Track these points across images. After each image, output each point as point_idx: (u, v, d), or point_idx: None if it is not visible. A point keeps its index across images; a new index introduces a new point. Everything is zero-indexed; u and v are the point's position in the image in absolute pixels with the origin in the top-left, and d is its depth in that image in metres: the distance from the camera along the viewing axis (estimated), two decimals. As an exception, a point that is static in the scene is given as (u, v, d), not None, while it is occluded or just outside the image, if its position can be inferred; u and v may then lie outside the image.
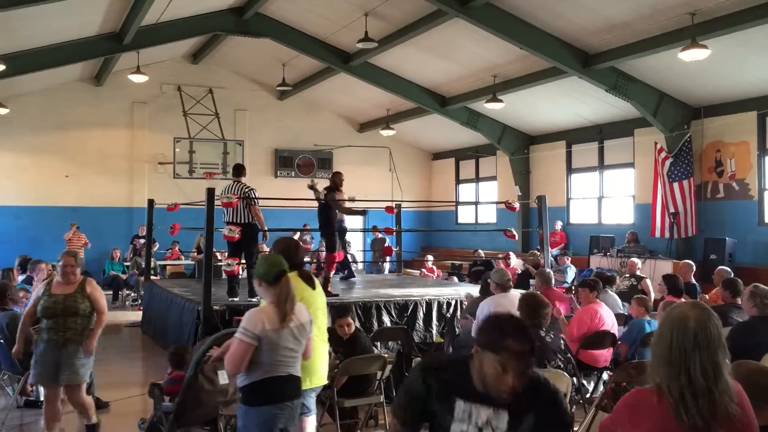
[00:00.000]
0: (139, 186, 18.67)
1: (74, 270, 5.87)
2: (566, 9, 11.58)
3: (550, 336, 5.07)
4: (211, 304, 8.69)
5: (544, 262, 11.44)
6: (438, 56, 14.97)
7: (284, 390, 3.94)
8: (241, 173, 9.65)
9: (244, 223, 9.20)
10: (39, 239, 16.66)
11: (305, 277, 4.63)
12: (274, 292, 3.95)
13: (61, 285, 5.81)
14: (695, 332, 2.35)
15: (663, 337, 2.38)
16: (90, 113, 18.37)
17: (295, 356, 4.00)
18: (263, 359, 3.84)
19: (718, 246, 12.71)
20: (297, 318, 3.99)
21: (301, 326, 4.01)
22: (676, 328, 2.36)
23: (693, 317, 2.38)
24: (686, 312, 2.41)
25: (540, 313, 5.07)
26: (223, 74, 19.66)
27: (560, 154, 17.41)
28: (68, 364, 5.65)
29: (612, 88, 13.20)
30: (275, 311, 3.91)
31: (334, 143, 20.87)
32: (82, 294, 5.78)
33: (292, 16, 15.18)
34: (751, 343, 5.29)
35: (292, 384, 4.01)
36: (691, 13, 10.41)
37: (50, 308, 5.68)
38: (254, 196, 9.28)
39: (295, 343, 3.97)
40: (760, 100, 12.64)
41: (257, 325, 3.84)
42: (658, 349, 2.39)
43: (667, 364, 2.34)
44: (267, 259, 4.21)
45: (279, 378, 3.91)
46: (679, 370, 2.31)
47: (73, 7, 11.47)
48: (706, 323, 2.38)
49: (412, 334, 9.24)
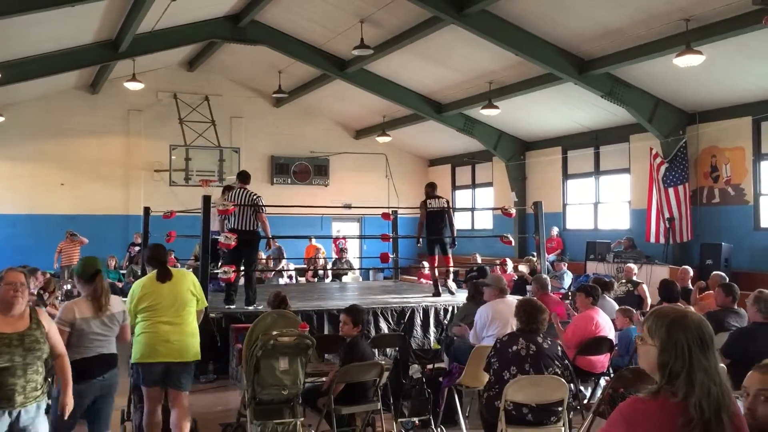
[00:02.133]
0: (135, 194, 18.65)
1: (23, 293, 4.10)
2: (561, 15, 11.62)
3: (547, 342, 5.05)
4: (207, 312, 8.65)
5: (540, 267, 11.43)
6: (434, 63, 15.00)
7: (92, 368, 4.78)
8: (247, 180, 9.66)
9: (249, 230, 9.19)
10: (35, 248, 16.61)
11: (160, 274, 5.50)
12: (89, 288, 4.88)
13: (7, 319, 4.03)
14: (700, 327, 2.37)
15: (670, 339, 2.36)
16: (86, 121, 18.36)
17: (104, 340, 4.88)
18: (74, 342, 4.72)
19: (714, 251, 12.72)
20: (110, 309, 4.91)
21: (111, 316, 4.92)
22: (682, 328, 2.36)
23: (691, 316, 2.41)
24: (684, 312, 2.43)
25: (537, 319, 5.06)
26: (219, 81, 19.66)
27: (556, 160, 17.44)
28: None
29: (607, 94, 13.24)
30: (88, 304, 4.84)
31: (330, 150, 20.87)
32: (40, 330, 4.13)
33: (287, 24, 15.20)
34: (751, 350, 5.29)
35: (102, 362, 4.85)
36: (685, 19, 10.45)
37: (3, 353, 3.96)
38: (262, 203, 9.31)
39: (105, 329, 4.88)
40: (754, 105, 12.68)
41: (68, 314, 4.77)
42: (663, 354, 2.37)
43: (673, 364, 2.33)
44: (84, 260, 5.14)
45: (88, 359, 4.76)
46: (690, 368, 2.31)
47: (69, 15, 11.46)
48: (705, 321, 2.42)
49: (410, 340, 9.23)
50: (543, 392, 4.82)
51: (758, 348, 5.32)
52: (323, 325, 9.07)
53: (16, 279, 4.09)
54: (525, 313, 5.12)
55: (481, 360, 6.00)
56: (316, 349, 6.08)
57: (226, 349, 8.48)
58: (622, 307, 7.48)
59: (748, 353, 5.22)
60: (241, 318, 8.58)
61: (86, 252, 16.30)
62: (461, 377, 6.23)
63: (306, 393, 5.88)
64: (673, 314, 2.44)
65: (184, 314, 5.49)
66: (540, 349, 4.93)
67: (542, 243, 11.59)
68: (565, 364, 5.09)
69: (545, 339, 5.06)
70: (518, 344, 4.95)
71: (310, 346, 5.75)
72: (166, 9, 12.67)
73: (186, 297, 5.51)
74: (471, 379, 6.18)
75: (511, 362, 4.87)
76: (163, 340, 5.35)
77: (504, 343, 5.02)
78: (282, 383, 5.62)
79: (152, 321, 5.38)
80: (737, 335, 5.76)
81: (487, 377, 5.19)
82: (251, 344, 5.63)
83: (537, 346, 4.94)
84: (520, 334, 5.05)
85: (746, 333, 5.73)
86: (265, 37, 15.56)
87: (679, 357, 2.33)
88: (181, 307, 5.47)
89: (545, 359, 4.92)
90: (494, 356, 5.01)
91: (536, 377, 4.82)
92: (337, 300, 10.72)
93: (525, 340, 4.97)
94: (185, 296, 5.51)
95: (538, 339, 5.00)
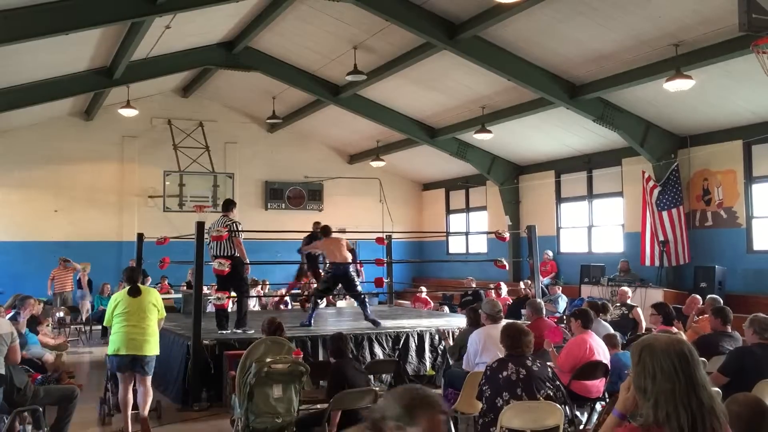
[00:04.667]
0: (129, 220, 18.62)
1: None
2: (552, 41, 11.74)
3: (537, 365, 5.00)
4: (201, 339, 8.62)
5: (534, 292, 11.43)
6: (427, 88, 15.11)
7: None
8: (229, 208, 9.77)
9: (231, 255, 9.26)
10: (28, 275, 16.51)
11: (131, 290, 7.06)
12: None
13: None
14: (690, 353, 2.38)
15: (663, 369, 2.36)
16: (80, 148, 18.38)
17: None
18: None
19: (707, 274, 12.75)
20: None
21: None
22: (675, 355, 2.37)
23: (678, 342, 2.42)
24: (671, 339, 2.44)
25: (521, 342, 5.00)
26: (213, 107, 19.74)
27: (549, 184, 17.51)
28: None
29: (599, 118, 13.34)
30: None
31: (324, 175, 20.92)
32: None
33: (281, 50, 15.31)
34: (748, 367, 5.37)
35: None
36: (674, 44, 10.57)
37: None
38: (236, 228, 9.37)
39: None
40: (745, 128, 12.78)
41: None
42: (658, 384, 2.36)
43: (671, 395, 2.33)
44: None
45: None
46: (688, 396, 2.31)
47: (64, 42, 11.52)
48: (688, 345, 2.44)
49: (405, 365, 9.18)
50: (538, 418, 4.78)
51: (755, 366, 5.37)
52: (317, 351, 9.02)
53: None
54: (509, 338, 5.07)
55: (475, 386, 5.97)
56: (310, 376, 6.05)
57: (219, 376, 8.42)
58: (607, 334, 7.46)
59: (746, 371, 5.28)
60: (235, 344, 8.52)
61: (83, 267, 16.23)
62: (456, 403, 6.20)
63: (300, 421, 5.84)
64: (646, 340, 2.47)
65: (146, 321, 7.02)
66: (530, 373, 4.88)
67: (536, 266, 11.60)
68: (557, 385, 5.03)
69: (534, 362, 5.00)
70: (508, 369, 4.89)
71: (304, 373, 5.73)
72: (160, 36, 12.77)
73: (148, 308, 7.06)
74: (466, 404, 6.14)
75: (502, 388, 4.82)
76: (130, 338, 6.92)
77: (494, 370, 4.96)
78: (276, 411, 5.59)
79: (122, 324, 6.96)
80: (735, 354, 5.81)
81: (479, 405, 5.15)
82: (245, 371, 5.61)
83: (527, 370, 4.89)
84: (509, 359, 4.99)
85: (743, 352, 5.79)
86: (259, 63, 15.66)
87: (648, 379, 2.36)
88: (144, 316, 7.01)
89: (537, 382, 4.87)
90: (485, 383, 4.95)
91: (531, 403, 4.77)
92: (331, 326, 10.66)
93: (514, 365, 4.91)
94: (148, 307, 7.06)
95: (527, 362, 4.94)
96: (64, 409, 6.62)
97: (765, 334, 5.67)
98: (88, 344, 14.00)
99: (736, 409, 2.86)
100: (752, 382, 5.13)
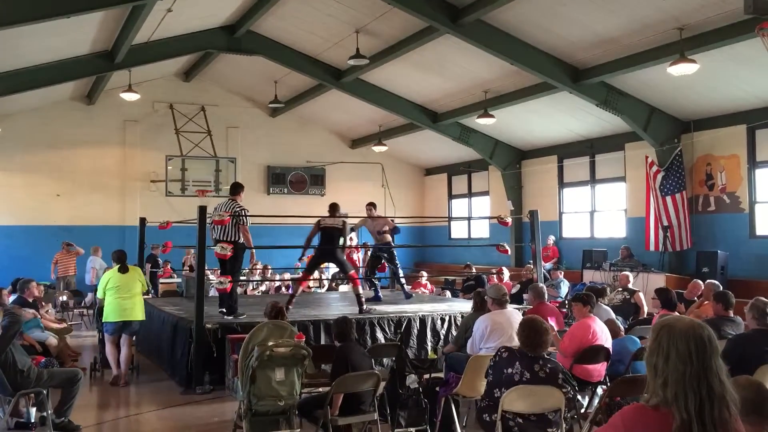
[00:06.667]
0: (131, 204, 18.64)
1: None
2: (555, 25, 11.67)
3: (545, 370, 4.69)
4: (203, 323, 8.65)
5: (536, 276, 11.44)
6: (429, 72, 15.05)
7: None
8: (237, 192, 9.69)
9: (233, 240, 9.24)
10: (31, 259, 16.58)
11: (120, 268, 8.93)
12: None
13: None
14: (709, 339, 2.35)
15: (678, 351, 2.35)
16: (82, 132, 18.36)
17: None
18: None
19: (710, 259, 12.74)
20: None
21: None
22: (692, 339, 2.35)
23: (699, 326, 2.39)
24: (693, 323, 2.42)
25: (537, 341, 4.81)
26: (215, 92, 19.69)
27: (552, 169, 17.48)
28: None
29: (602, 103, 13.29)
30: None
31: (326, 160, 20.90)
32: None
33: (283, 34, 15.24)
34: (748, 354, 5.35)
35: None
36: (679, 28, 10.51)
37: None
38: (244, 215, 9.32)
39: None
40: (749, 113, 12.73)
41: None
42: (671, 365, 2.35)
43: (681, 377, 2.32)
44: None
45: None
46: (698, 380, 2.30)
47: (65, 26, 11.48)
48: (709, 331, 2.40)
49: (406, 350, 9.21)
50: (538, 401, 4.76)
51: (755, 352, 5.37)
52: (320, 335, 9.05)
53: None
54: (525, 334, 4.88)
55: (477, 369, 5.99)
56: (312, 360, 6.07)
57: (222, 360, 8.46)
58: (609, 319, 7.48)
59: (746, 358, 5.28)
60: (238, 328, 8.55)
61: (82, 261, 16.31)
62: (458, 387, 6.21)
63: (302, 404, 5.87)
64: (667, 320, 2.45)
65: (132, 293, 8.91)
66: (534, 379, 4.74)
67: (538, 251, 11.60)
68: (567, 386, 4.87)
69: (543, 367, 4.78)
70: (514, 368, 4.77)
71: (306, 357, 5.75)
72: (162, 20, 12.72)
73: (134, 283, 8.96)
74: (468, 388, 6.16)
75: (503, 383, 4.76)
76: (122, 308, 8.81)
77: (502, 360, 4.85)
78: (278, 394, 5.62)
79: (113, 297, 8.80)
80: (735, 341, 5.81)
81: (484, 384, 5.11)
82: (247, 355, 5.63)
83: (532, 375, 4.74)
84: (519, 357, 4.83)
85: (743, 339, 5.78)
86: (261, 47, 15.61)
87: (661, 357, 2.35)
88: (130, 288, 8.90)
89: (557, 376, 4.78)
90: (492, 367, 4.92)
91: (532, 387, 4.74)
92: (333, 310, 10.71)
93: (522, 366, 4.77)
94: (134, 282, 8.96)
95: (535, 367, 4.77)
96: (67, 391, 6.66)
97: (764, 319, 5.66)
98: (92, 327, 14.04)
99: (741, 393, 2.85)
100: (753, 368, 5.13)
